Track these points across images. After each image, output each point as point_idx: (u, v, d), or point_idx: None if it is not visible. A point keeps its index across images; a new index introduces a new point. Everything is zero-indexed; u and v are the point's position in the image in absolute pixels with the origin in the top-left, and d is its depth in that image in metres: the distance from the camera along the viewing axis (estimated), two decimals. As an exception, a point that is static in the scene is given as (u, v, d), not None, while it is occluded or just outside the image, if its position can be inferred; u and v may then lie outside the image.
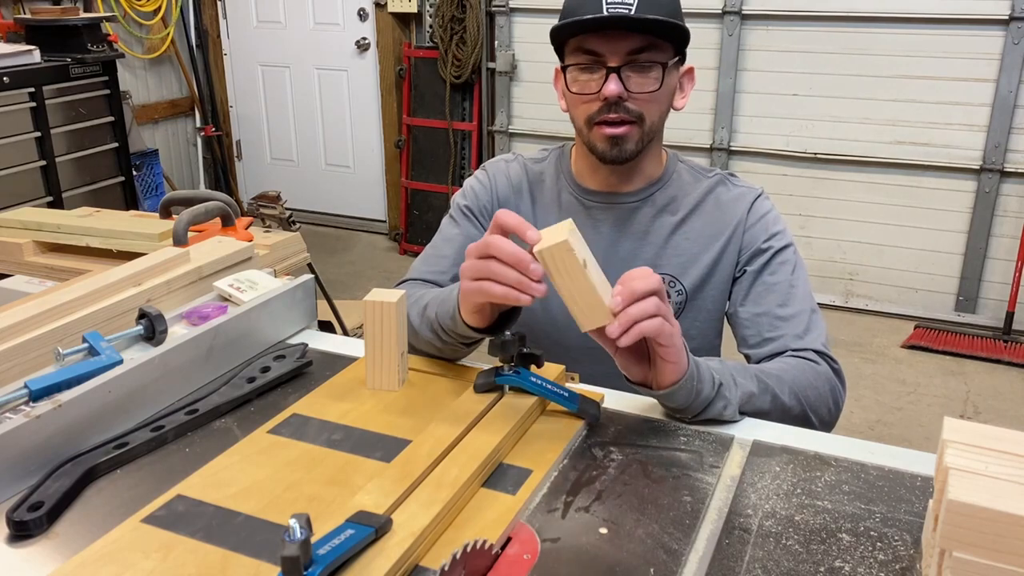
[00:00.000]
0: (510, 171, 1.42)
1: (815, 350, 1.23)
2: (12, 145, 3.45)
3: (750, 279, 1.31)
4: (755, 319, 1.29)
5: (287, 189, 3.96)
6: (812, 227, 3.96)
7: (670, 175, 1.36)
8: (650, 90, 1.22)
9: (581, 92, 1.24)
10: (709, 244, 1.33)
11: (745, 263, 1.32)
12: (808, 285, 1.32)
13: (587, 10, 1.18)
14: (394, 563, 0.75)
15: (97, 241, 1.66)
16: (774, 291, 1.29)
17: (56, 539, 0.83)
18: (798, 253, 1.34)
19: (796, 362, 1.22)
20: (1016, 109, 3.49)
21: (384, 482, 0.86)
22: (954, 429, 0.76)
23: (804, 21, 3.74)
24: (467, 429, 0.98)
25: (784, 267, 1.30)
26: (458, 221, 1.40)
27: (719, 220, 1.33)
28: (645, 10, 1.17)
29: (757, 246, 1.31)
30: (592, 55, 1.21)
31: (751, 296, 1.30)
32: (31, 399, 1.00)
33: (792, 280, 1.30)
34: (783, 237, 1.33)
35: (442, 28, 4.33)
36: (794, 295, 1.28)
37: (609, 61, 1.20)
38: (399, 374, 1.10)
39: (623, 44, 1.19)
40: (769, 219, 1.33)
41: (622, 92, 1.21)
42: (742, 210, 1.33)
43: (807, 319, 1.27)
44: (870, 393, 3.26)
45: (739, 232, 1.32)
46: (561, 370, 1.12)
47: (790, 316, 1.27)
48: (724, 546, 0.82)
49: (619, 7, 1.17)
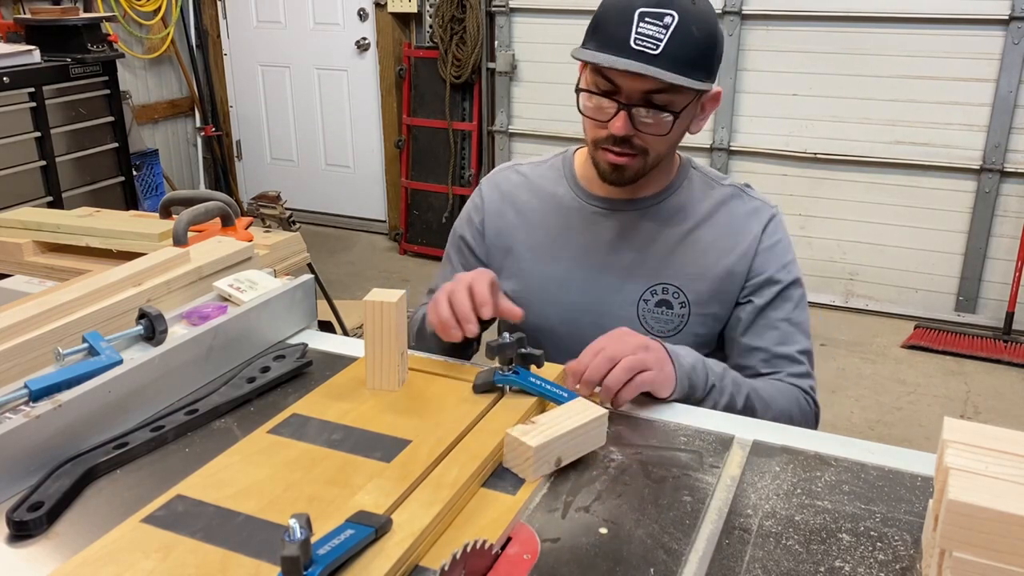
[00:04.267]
0: (501, 183, 1.43)
1: (804, 391, 1.28)
2: (12, 145, 3.45)
3: (754, 311, 1.29)
4: (752, 352, 1.30)
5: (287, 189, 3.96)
6: (812, 227, 3.96)
7: (680, 183, 1.34)
8: (660, 133, 1.20)
9: (591, 116, 1.23)
10: (719, 258, 1.30)
11: (751, 292, 1.30)
12: (808, 322, 1.32)
13: (615, 39, 1.15)
14: (394, 563, 0.75)
15: (97, 241, 1.66)
16: (776, 328, 1.29)
17: (56, 539, 0.83)
18: (804, 285, 1.32)
19: (790, 391, 1.27)
20: (1016, 109, 3.49)
21: (384, 482, 0.86)
22: (954, 429, 0.76)
23: (804, 21, 3.74)
24: (467, 429, 0.98)
25: (788, 304, 1.30)
26: (451, 257, 1.46)
27: (731, 234, 1.30)
28: (674, 50, 1.13)
29: (767, 275, 1.29)
30: (610, 83, 1.18)
31: (752, 329, 1.30)
32: (31, 399, 1.00)
33: (793, 318, 1.30)
34: (792, 269, 1.31)
35: (442, 28, 4.33)
36: (794, 335, 1.29)
37: (623, 97, 1.18)
38: (399, 374, 1.10)
39: (642, 83, 1.15)
40: (781, 247, 1.31)
41: (630, 131, 1.19)
42: (756, 229, 1.30)
43: (804, 361, 1.30)
44: (870, 393, 3.26)
45: (750, 253, 1.29)
46: (561, 370, 1.12)
47: (787, 356, 1.29)
48: (724, 546, 0.82)
49: (647, 42, 1.13)
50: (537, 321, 1.36)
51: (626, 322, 1.24)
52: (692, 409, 1.11)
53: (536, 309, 1.36)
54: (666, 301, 1.30)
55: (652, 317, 1.31)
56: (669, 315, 1.30)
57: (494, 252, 1.40)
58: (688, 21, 1.14)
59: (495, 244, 1.40)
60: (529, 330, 1.37)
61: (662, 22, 1.13)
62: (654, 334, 1.30)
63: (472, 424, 0.99)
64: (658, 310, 1.30)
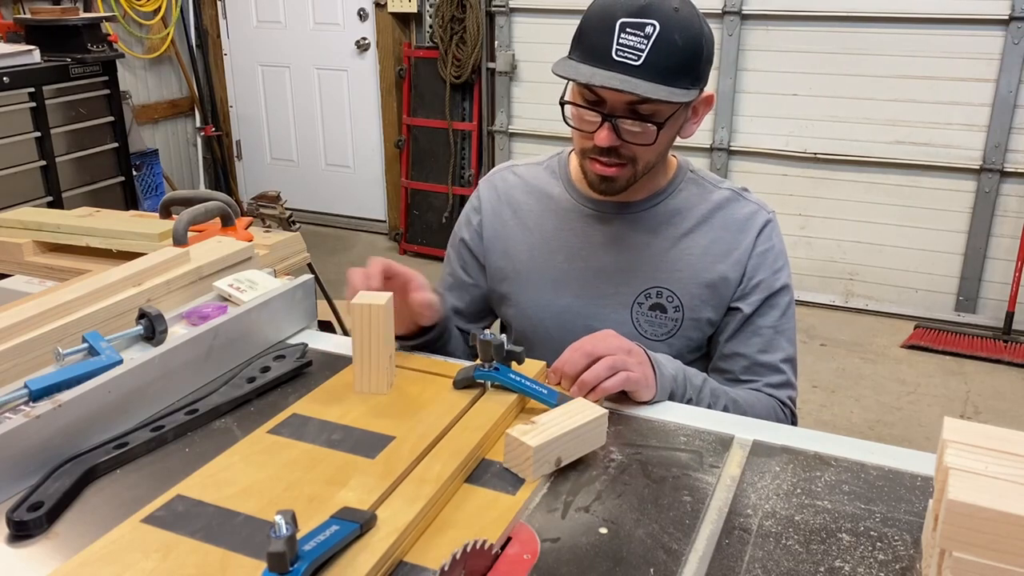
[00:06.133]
0: (498, 185, 1.43)
1: (782, 401, 1.29)
2: (12, 145, 3.45)
3: (741, 318, 1.30)
4: (734, 358, 1.31)
5: (287, 189, 3.97)
6: (812, 227, 3.96)
7: (677, 186, 1.33)
8: (645, 143, 1.19)
9: (577, 127, 1.23)
10: (714, 263, 1.29)
11: (740, 298, 1.30)
12: (794, 330, 1.33)
13: (597, 50, 1.14)
14: (379, 558, 0.75)
15: (97, 241, 1.66)
16: (760, 335, 1.30)
17: (56, 539, 0.83)
18: (792, 291, 1.33)
19: (767, 401, 1.28)
20: (1016, 109, 3.49)
21: (368, 479, 0.87)
22: (954, 429, 0.76)
23: (804, 21, 3.74)
24: (449, 426, 0.98)
25: (774, 311, 1.30)
26: (451, 258, 1.47)
27: (726, 239, 1.30)
28: (657, 60, 1.12)
29: (757, 281, 1.29)
30: (594, 94, 1.18)
31: (738, 335, 1.30)
32: (31, 399, 1.00)
33: (779, 326, 1.30)
34: (783, 275, 1.31)
35: (442, 28, 4.33)
36: (778, 342, 1.30)
37: (607, 108, 1.17)
38: (388, 377, 1.09)
39: (624, 95, 1.14)
40: (774, 253, 1.31)
41: (615, 142, 1.18)
42: (751, 235, 1.30)
43: (786, 370, 1.31)
44: (870, 393, 3.26)
45: (744, 258, 1.29)
46: (541, 367, 1.13)
47: (769, 364, 1.30)
48: (724, 546, 0.82)
49: (629, 53, 1.12)
50: (531, 322, 1.36)
51: (620, 325, 1.24)
52: (692, 409, 1.12)
53: (530, 310, 1.37)
54: (660, 305, 1.30)
55: (646, 320, 1.31)
56: (663, 319, 1.30)
57: (492, 253, 1.41)
58: (670, 30, 1.12)
59: (493, 245, 1.40)
60: (523, 331, 1.38)
61: (643, 32, 1.12)
62: (648, 338, 1.30)
63: (454, 421, 1.00)
64: (652, 314, 1.30)
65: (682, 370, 1.17)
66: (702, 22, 1.18)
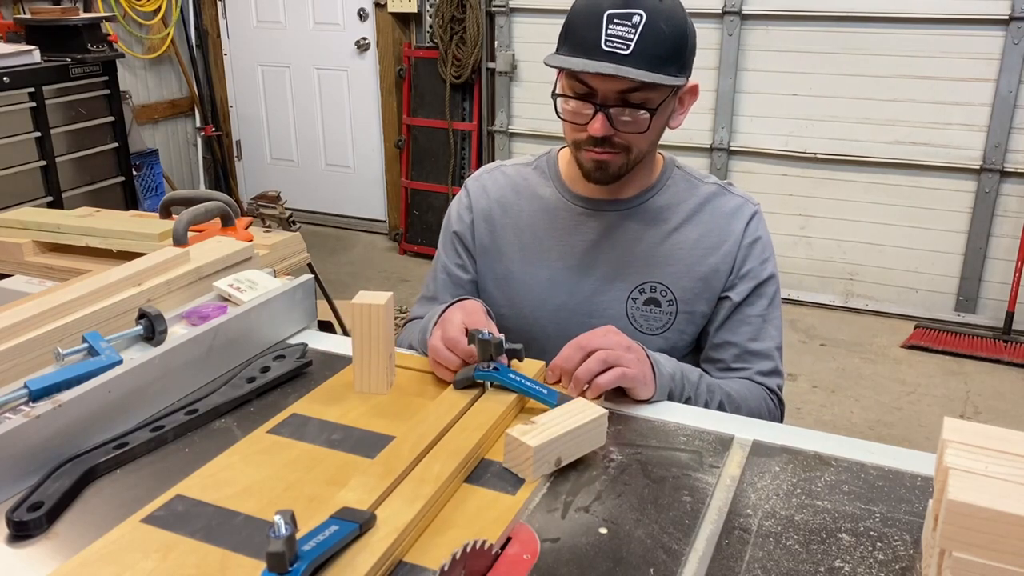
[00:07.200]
0: (488, 185, 1.43)
1: (771, 389, 1.31)
2: (12, 145, 3.45)
3: (731, 306, 1.32)
4: (725, 347, 1.33)
5: (287, 189, 3.97)
6: (812, 227, 3.96)
7: (664, 182, 1.35)
8: (639, 131, 1.21)
9: (570, 120, 1.24)
10: (704, 256, 1.32)
11: (730, 288, 1.32)
12: (780, 319, 1.35)
13: (586, 42, 1.16)
14: (378, 558, 0.75)
15: (97, 241, 1.66)
16: (749, 323, 1.32)
17: (56, 539, 0.83)
18: (778, 281, 1.35)
19: (758, 391, 1.29)
20: (1016, 109, 3.49)
21: (367, 478, 0.87)
22: (954, 429, 0.76)
23: (804, 21, 3.74)
24: (449, 425, 0.98)
25: (762, 300, 1.32)
26: (443, 252, 1.45)
27: (715, 232, 1.32)
28: (645, 48, 1.14)
29: (745, 271, 1.31)
30: (585, 86, 1.19)
31: (727, 324, 1.32)
32: (31, 399, 1.00)
33: (766, 315, 1.33)
34: (770, 265, 1.34)
35: (442, 28, 4.33)
36: (766, 331, 1.32)
37: (599, 99, 1.19)
38: (387, 377, 1.09)
39: (616, 84, 1.17)
40: (761, 244, 1.33)
41: (608, 131, 1.20)
42: (739, 227, 1.32)
43: (774, 358, 1.33)
44: (870, 393, 3.26)
45: (734, 250, 1.32)
46: (541, 366, 1.13)
47: (759, 352, 1.32)
48: (724, 546, 0.82)
49: (618, 43, 1.14)
50: (527, 322, 1.37)
51: (615, 321, 1.24)
52: (692, 409, 1.12)
53: (525, 310, 1.37)
54: (654, 299, 1.32)
55: (641, 315, 1.32)
56: (657, 313, 1.32)
57: (483, 253, 1.41)
58: (657, 18, 1.15)
59: (484, 245, 1.41)
60: (519, 331, 1.38)
61: (631, 22, 1.14)
62: (643, 332, 1.32)
63: (454, 420, 0.99)
64: (646, 308, 1.32)
65: (680, 369, 1.18)
66: (685, 12, 1.21)
